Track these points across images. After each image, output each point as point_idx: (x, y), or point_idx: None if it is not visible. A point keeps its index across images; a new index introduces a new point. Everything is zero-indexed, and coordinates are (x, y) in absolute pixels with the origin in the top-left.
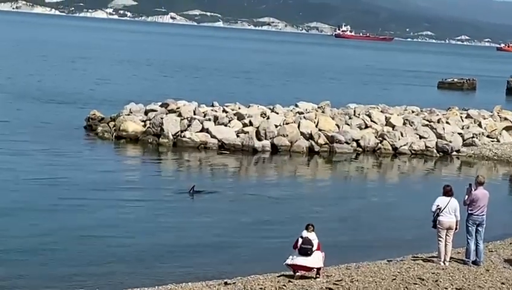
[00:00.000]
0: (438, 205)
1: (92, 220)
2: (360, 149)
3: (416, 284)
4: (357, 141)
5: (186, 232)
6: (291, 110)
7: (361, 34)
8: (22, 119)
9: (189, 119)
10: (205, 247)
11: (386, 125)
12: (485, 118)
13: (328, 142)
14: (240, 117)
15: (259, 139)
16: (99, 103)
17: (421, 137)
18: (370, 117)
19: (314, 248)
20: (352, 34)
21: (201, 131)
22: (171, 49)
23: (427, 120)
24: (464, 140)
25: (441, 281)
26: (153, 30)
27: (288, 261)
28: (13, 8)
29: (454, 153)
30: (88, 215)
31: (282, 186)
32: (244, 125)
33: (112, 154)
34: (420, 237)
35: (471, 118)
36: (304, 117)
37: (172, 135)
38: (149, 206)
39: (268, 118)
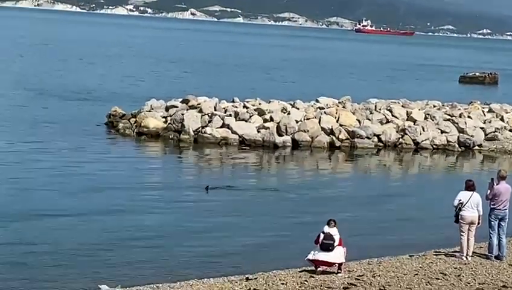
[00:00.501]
0: (460, 200)
1: (112, 216)
2: (381, 144)
3: (438, 279)
4: (378, 136)
5: (207, 228)
6: (311, 106)
7: (381, 29)
8: (43, 116)
9: (210, 115)
10: (226, 243)
11: (407, 120)
12: (507, 112)
13: (349, 137)
14: (261, 113)
15: (280, 135)
16: (120, 100)
17: (442, 132)
18: (391, 112)
19: (336, 243)
20: (373, 28)
21: (222, 127)
22: (191, 45)
23: (449, 114)
24: (486, 134)
25: (463, 276)
26: (173, 26)
27: (310, 257)
28: (34, 5)
29: (476, 147)
30: (109, 212)
31: (304, 182)
32: (265, 120)
33: (133, 150)
34: (442, 232)
35: (493, 112)
36: (325, 112)
37: (193, 131)
38: (170, 203)
39: (289, 114)
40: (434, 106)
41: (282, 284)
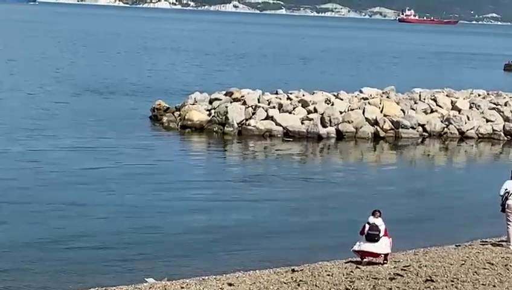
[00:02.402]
0: (507, 189)
1: (157, 210)
2: (426, 134)
3: (485, 269)
4: (422, 125)
5: (253, 219)
6: (355, 96)
7: (425, 18)
8: (88, 111)
9: (253, 107)
10: (271, 234)
11: (452, 109)
12: None
13: (393, 127)
14: (305, 104)
15: (324, 126)
16: (164, 93)
17: (488, 120)
18: (435, 101)
19: (381, 233)
20: (416, 18)
21: (266, 119)
22: (234, 37)
23: (494, 103)
24: None
25: (511, 266)
26: (216, 19)
27: (356, 248)
28: (78, 1)
29: None
30: (154, 205)
31: (348, 173)
32: (309, 112)
33: (178, 144)
34: (489, 221)
35: None
36: (369, 103)
37: (237, 124)
38: (214, 196)
39: (332, 105)
40: (479, 95)
41: (328, 275)
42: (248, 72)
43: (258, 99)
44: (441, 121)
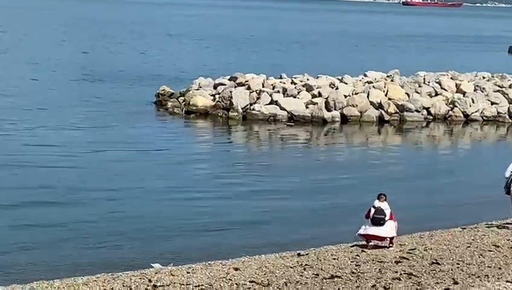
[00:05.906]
0: None
1: (163, 195)
2: (431, 117)
3: (491, 251)
4: (427, 108)
5: (257, 205)
6: (360, 80)
7: (429, 1)
8: (93, 96)
9: (258, 92)
10: (277, 218)
11: (456, 92)
12: None
13: (398, 111)
14: (309, 88)
15: (329, 110)
16: (169, 79)
17: (492, 103)
18: (440, 84)
19: (387, 217)
20: (420, 1)
21: (270, 103)
22: (237, 23)
23: (499, 86)
24: None
25: None
26: (216, 3)
27: (361, 231)
28: None
29: None
30: (159, 190)
31: (353, 157)
32: (313, 96)
33: (183, 129)
34: (494, 203)
35: None
36: (373, 86)
37: (242, 108)
38: (219, 181)
39: (337, 89)
40: (483, 78)
41: (334, 259)
42: (252, 56)
43: (263, 84)
44: (446, 104)
